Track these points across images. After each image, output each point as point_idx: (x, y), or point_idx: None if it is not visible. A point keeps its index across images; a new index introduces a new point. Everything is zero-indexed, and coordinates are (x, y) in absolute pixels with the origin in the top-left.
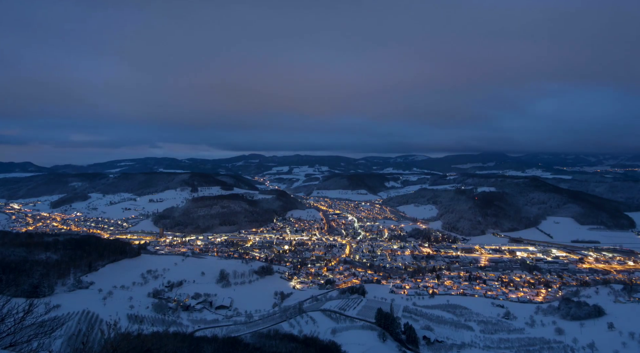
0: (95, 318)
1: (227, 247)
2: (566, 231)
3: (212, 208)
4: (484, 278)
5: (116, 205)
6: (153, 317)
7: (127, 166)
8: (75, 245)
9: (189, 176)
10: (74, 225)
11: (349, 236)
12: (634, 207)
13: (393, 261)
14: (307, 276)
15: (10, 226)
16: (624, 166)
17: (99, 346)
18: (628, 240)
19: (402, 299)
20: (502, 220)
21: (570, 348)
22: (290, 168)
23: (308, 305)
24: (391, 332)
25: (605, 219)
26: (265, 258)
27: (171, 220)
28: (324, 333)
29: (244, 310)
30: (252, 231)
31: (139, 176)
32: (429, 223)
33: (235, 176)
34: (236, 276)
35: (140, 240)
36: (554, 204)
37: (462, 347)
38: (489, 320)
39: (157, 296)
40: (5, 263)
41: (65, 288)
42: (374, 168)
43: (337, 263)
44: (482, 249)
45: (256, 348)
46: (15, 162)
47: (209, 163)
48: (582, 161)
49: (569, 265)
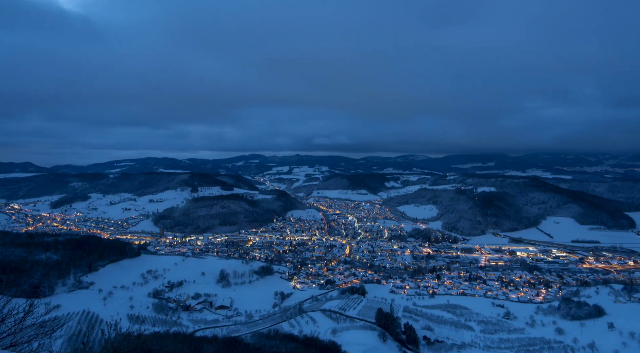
0: (95, 318)
1: (228, 247)
2: (566, 231)
3: (212, 208)
4: (484, 278)
5: (116, 205)
6: (153, 317)
7: (127, 166)
8: (75, 245)
9: (189, 176)
10: (74, 225)
11: (349, 236)
12: (634, 207)
13: (393, 261)
14: (307, 276)
15: (11, 227)
16: (624, 166)
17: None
18: (628, 240)
19: (402, 299)
20: (502, 220)
21: (571, 348)
22: (290, 168)
23: (308, 305)
24: (391, 332)
25: (606, 219)
26: (266, 258)
27: (171, 220)
28: (324, 333)
29: (244, 310)
30: (252, 231)
31: (139, 176)
32: (429, 223)
33: (236, 176)
34: (236, 276)
35: (140, 240)
36: (554, 204)
37: (462, 347)
38: (489, 320)
39: (158, 297)
40: (6, 263)
41: (65, 289)
42: (374, 168)
43: (337, 263)
44: (482, 249)
45: (256, 349)
46: (16, 162)
47: (209, 163)
48: (582, 161)
49: (569, 265)
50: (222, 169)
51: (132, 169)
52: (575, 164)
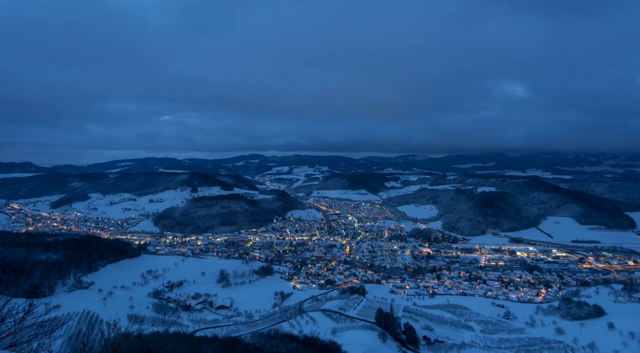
0: (95, 318)
1: (228, 247)
2: (566, 231)
3: (212, 208)
4: (484, 278)
5: (116, 205)
6: (153, 317)
7: (127, 166)
8: (75, 245)
9: (189, 176)
10: (74, 225)
11: (349, 237)
12: (634, 207)
13: (393, 261)
14: (307, 276)
15: (11, 227)
16: (624, 166)
17: (99, 346)
18: (628, 239)
19: (402, 299)
20: (502, 220)
21: (571, 348)
22: (290, 168)
23: (308, 305)
24: (391, 332)
25: (606, 219)
26: (266, 258)
27: (171, 220)
28: (324, 333)
29: (244, 310)
30: (252, 231)
31: (139, 177)
32: (429, 223)
33: (236, 176)
34: (236, 276)
35: (140, 240)
36: (554, 204)
37: (462, 347)
38: (489, 320)
39: (158, 297)
40: (6, 263)
41: (65, 289)
42: (374, 168)
43: (337, 263)
44: (482, 249)
45: (256, 349)
46: (16, 162)
47: (209, 163)
48: (582, 161)
49: (569, 265)
50: (222, 169)
51: (132, 169)
52: (575, 164)
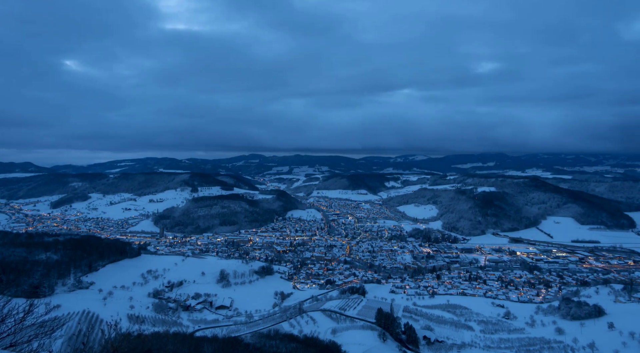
0: (95, 318)
1: (228, 247)
2: (566, 231)
3: (212, 208)
4: (484, 278)
5: (116, 205)
6: (153, 317)
7: (127, 166)
8: (75, 245)
9: (189, 176)
10: (74, 225)
11: (349, 237)
12: (634, 207)
13: (393, 261)
14: (308, 276)
15: (11, 227)
16: (624, 166)
17: (100, 346)
18: (628, 239)
19: (402, 299)
20: (502, 220)
21: (571, 348)
22: (290, 168)
23: (308, 305)
24: (391, 332)
25: (606, 219)
26: (266, 258)
27: (171, 220)
28: (324, 333)
29: (244, 310)
30: (252, 231)
31: (139, 177)
32: (429, 223)
33: (236, 176)
34: (236, 276)
35: (140, 240)
36: (554, 204)
37: (462, 347)
38: (489, 320)
39: (158, 297)
40: (6, 263)
41: (65, 289)
42: (374, 168)
43: (337, 263)
44: (482, 249)
45: (256, 348)
46: (16, 162)
47: (209, 163)
48: (582, 161)
49: (569, 265)
50: (222, 169)
51: (132, 169)
52: (575, 164)
